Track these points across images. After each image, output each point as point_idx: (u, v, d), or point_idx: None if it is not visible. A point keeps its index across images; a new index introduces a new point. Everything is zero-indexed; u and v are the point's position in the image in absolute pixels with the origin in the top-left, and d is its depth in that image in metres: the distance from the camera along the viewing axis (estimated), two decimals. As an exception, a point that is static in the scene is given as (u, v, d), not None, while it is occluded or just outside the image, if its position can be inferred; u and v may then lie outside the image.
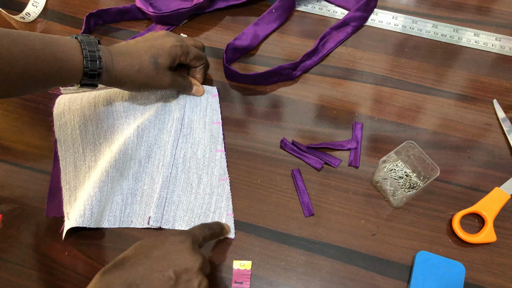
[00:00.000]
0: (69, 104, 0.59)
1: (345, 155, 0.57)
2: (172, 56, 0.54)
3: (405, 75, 0.63)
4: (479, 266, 0.49)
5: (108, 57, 0.50)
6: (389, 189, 0.52)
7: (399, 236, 0.51)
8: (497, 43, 0.65)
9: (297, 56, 0.64)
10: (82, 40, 0.48)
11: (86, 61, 0.48)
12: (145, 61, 0.52)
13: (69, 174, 0.55)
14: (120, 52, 0.51)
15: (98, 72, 0.49)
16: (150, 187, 0.54)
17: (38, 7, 0.71)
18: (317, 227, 0.52)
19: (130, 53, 0.52)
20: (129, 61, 0.51)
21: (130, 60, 0.51)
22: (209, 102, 0.61)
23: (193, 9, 0.67)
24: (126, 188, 0.54)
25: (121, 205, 0.54)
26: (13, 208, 0.54)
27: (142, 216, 0.53)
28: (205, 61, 0.60)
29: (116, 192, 0.54)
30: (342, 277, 0.49)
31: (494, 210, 0.51)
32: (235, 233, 0.52)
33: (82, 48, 0.48)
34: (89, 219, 0.50)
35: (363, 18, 0.67)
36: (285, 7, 0.67)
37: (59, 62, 0.46)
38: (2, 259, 0.52)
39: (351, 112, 0.60)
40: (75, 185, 0.54)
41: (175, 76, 0.56)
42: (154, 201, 0.53)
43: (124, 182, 0.55)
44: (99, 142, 0.57)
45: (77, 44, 0.48)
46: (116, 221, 0.53)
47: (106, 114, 0.58)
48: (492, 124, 0.58)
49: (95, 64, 0.48)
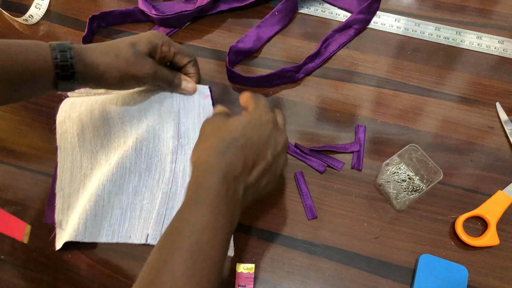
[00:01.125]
0: (69, 111, 0.58)
1: (348, 158, 0.57)
2: (152, 43, 0.52)
3: (408, 77, 0.63)
4: (482, 270, 0.49)
5: (79, 48, 0.47)
6: (392, 192, 0.52)
7: (402, 239, 0.51)
8: (500, 46, 0.65)
9: (300, 59, 0.64)
10: (52, 43, 0.46)
11: (54, 52, 0.45)
12: (123, 48, 0.50)
13: (64, 181, 0.55)
14: (94, 45, 0.50)
15: (70, 62, 0.46)
16: (150, 203, 0.53)
17: (41, 9, 0.71)
18: (320, 230, 0.52)
19: (106, 44, 0.50)
20: (105, 49, 0.49)
21: (106, 48, 0.49)
22: (201, 105, 0.60)
23: (196, 11, 0.67)
24: (125, 202, 0.53)
25: (120, 219, 0.53)
26: (16, 210, 0.55)
27: (141, 232, 0.52)
28: (193, 58, 0.58)
29: (115, 206, 0.53)
30: (345, 280, 0.49)
31: (497, 213, 0.51)
32: (238, 235, 0.52)
33: (50, 45, 0.46)
34: (83, 233, 0.50)
35: (365, 21, 0.67)
36: (287, 10, 0.68)
37: (26, 62, 0.44)
38: (5, 261, 0.52)
39: (354, 115, 0.60)
40: (69, 192, 0.54)
41: (159, 66, 0.54)
42: (153, 218, 0.52)
43: (124, 196, 0.53)
44: (96, 150, 0.56)
45: (46, 44, 0.46)
46: (115, 236, 0.52)
47: (102, 122, 0.57)
48: (495, 127, 0.58)
49: (65, 55, 0.45)
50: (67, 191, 0.54)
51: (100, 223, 0.52)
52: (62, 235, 0.51)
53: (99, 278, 0.50)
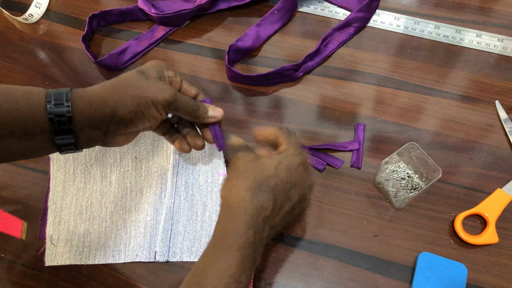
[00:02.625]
0: None
1: (347, 156, 0.57)
2: (157, 67, 0.44)
3: (407, 76, 0.63)
4: (481, 267, 0.49)
5: (78, 91, 0.40)
6: (391, 190, 0.52)
7: (401, 237, 0.51)
8: (500, 44, 0.65)
9: (299, 57, 0.64)
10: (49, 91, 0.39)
11: (49, 98, 0.38)
12: (131, 76, 0.42)
13: (57, 194, 0.55)
14: (94, 86, 0.41)
15: (67, 109, 0.37)
16: (154, 219, 0.52)
17: (41, 9, 0.71)
18: (319, 228, 0.52)
19: (108, 81, 0.42)
20: (109, 84, 0.41)
21: (110, 84, 0.42)
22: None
23: (195, 10, 0.67)
24: (128, 220, 0.53)
25: (125, 238, 0.52)
26: (16, 209, 0.55)
27: (148, 250, 0.51)
28: (201, 89, 0.48)
29: (118, 225, 0.53)
30: (344, 278, 0.50)
31: (496, 211, 0.51)
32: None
33: (45, 91, 0.39)
34: (87, 256, 0.51)
35: (365, 19, 0.67)
36: (287, 8, 0.68)
37: (16, 110, 0.37)
38: (6, 260, 0.52)
39: (353, 113, 0.60)
40: (61, 206, 0.54)
41: (178, 92, 0.44)
42: (159, 234, 0.51)
43: (126, 214, 0.53)
44: (90, 163, 0.56)
45: (42, 90, 0.39)
46: (121, 256, 0.51)
47: None
48: (494, 125, 0.58)
49: (60, 96, 0.38)
50: (59, 205, 0.54)
51: (105, 243, 0.52)
52: (53, 251, 0.51)
53: (99, 277, 0.51)
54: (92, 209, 0.53)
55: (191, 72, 0.64)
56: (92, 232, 0.52)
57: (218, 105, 0.48)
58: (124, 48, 0.65)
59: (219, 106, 0.48)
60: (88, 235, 0.52)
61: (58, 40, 0.69)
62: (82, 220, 0.53)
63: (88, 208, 0.53)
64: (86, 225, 0.53)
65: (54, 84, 0.64)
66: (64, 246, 0.51)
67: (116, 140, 0.44)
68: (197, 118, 0.46)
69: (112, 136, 0.43)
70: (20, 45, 0.69)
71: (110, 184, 0.55)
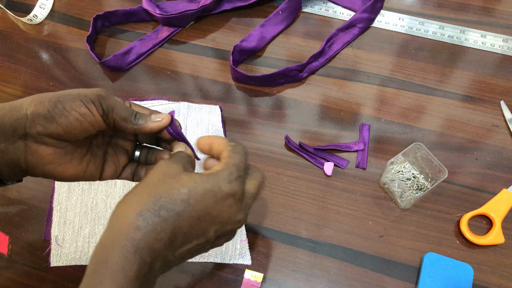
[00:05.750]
0: None
1: (352, 157, 0.57)
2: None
3: (412, 76, 0.63)
4: (487, 268, 0.49)
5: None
6: (396, 191, 0.52)
7: (407, 238, 0.51)
8: (504, 44, 0.65)
9: (304, 58, 0.64)
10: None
11: None
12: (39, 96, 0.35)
13: (62, 194, 0.55)
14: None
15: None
16: None
17: (45, 9, 0.71)
18: (324, 229, 0.52)
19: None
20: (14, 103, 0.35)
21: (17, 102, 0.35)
22: (211, 122, 0.58)
23: (199, 10, 0.67)
24: None
25: None
26: (22, 210, 0.55)
27: None
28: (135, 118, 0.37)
29: None
30: (350, 278, 0.49)
31: (502, 211, 0.51)
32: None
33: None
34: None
35: (369, 20, 0.67)
36: (291, 9, 0.68)
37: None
38: (11, 260, 0.52)
39: (358, 114, 0.60)
40: (66, 206, 0.54)
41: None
42: None
43: None
44: None
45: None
46: None
47: None
48: (499, 126, 0.58)
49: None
50: (64, 205, 0.54)
51: None
52: (58, 252, 0.51)
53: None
54: (97, 210, 0.53)
55: (195, 72, 0.65)
56: (97, 233, 0.52)
57: (222, 106, 0.48)
58: (128, 48, 0.65)
59: (223, 107, 0.47)
60: (93, 236, 0.52)
61: (63, 41, 0.69)
62: (87, 221, 0.53)
63: (93, 209, 0.54)
64: (91, 225, 0.53)
65: (59, 85, 0.64)
66: (69, 247, 0.51)
67: (41, 153, 0.35)
68: (137, 125, 0.37)
69: (35, 147, 0.34)
70: (24, 46, 0.69)
71: (115, 184, 0.55)
